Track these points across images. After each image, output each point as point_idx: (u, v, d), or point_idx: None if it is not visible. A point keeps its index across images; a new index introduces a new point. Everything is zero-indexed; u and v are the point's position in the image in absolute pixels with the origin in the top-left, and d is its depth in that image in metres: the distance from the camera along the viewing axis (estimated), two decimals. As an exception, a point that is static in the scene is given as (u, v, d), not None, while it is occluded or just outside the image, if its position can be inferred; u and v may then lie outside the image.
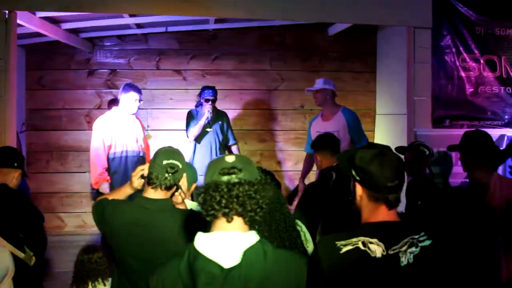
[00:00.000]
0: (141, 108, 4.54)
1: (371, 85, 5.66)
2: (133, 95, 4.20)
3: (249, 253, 1.35)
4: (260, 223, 2.08)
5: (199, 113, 4.69)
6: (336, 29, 5.43)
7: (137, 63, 5.54)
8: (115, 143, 4.19)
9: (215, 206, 1.38)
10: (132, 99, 4.21)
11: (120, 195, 2.25)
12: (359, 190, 1.61)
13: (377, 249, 1.50)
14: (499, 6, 4.53)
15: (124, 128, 4.25)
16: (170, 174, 2.06)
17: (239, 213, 1.39)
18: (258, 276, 1.34)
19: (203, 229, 1.44)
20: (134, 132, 4.31)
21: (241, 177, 1.39)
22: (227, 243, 1.37)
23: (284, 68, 5.66)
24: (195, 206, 2.57)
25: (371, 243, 1.51)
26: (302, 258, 1.57)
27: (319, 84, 4.37)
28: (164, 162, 2.07)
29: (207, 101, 4.59)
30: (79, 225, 5.48)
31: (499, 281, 2.51)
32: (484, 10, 4.51)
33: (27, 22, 4.02)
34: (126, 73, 5.52)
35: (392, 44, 5.01)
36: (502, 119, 4.53)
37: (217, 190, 1.38)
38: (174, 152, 2.14)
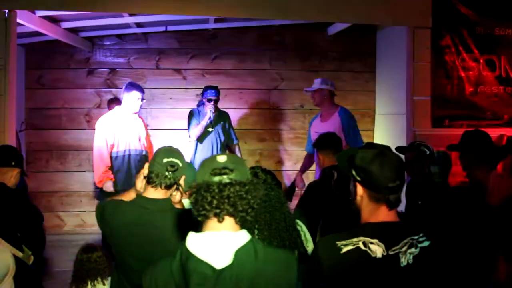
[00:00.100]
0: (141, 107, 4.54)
1: (370, 85, 5.67)
2: (135, 94, 4.22)
3: (240, 253, 1.36)
4: (252, 222, 2.09)
5: (201, 113, 4.68)
6: (335, 28, 5.43)
7: (136, 62, 5.54)
8: (118, 142, 4.20)
9: (206, 207, 1.38)
10: (134, 98, 4.22)
11: (127, 199, 2.24)
12: (359, 190, 1.60)
13: (378, 249, 1.51)
14: (498, 6, 4.54)
15: (127, 127, 4.26)
16: (170, 173, 2.06)
17: (230, 213, 1.39)
18: (249, 275, 1.35)
19: (197, 227, 1.44)
20: (136, 131, 4.32)
21: (232, 177, 1.39)
22: (218, 243, 1.38)
23: (283, 68, 5.66)
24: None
25: (371, 243, 1.51)
26: (292, 255, 1.58)
27: (316, 84, 4.37)
28: (164, 161, 2.07)
29: (209, 101, 4.58)
30: (79, 224, 5.48)
31: (498, 280, 2.51)
32: (483, 10, 4.51)
33: (27, 21, 4.02)
34: (125, 72, 5.52)
35: (392, 44, 5.02)
36: (501, 119, 4.54)
37: (208, 190, 1.38)
38: (174, 151, 2.14)
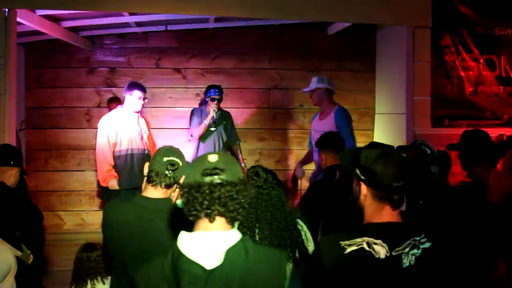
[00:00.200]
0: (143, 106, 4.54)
1: (370, 84, 5.66)
2: (137, 93, 4.23)
3: (231, 252, 1.37)
4: (253, 221, 2.10)
5: (203, 112, 4.68)
6: (335, 28, 5.42)
7: (137, 61, 5.53)
8: (120, 141, 4.20)
9: (197, 207, 1.39)
10: (136, 97, 4.23)
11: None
12: (363, 189, 1.60)
13: (381, 250, 1.50)
14: (498, 5, 4.54)
15: (129, 126, 4.26)
16: (170, 172, 2.06)
17: (221, 214, 1.40)
18: (240, 275, 1.36)
19: (189, 226, 1.45)
20: (139, 130, 4.32)
21: (223, 178, 1.39)
22: (209, 243, 1.38)
23: (283, 67, 5.65)
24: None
25: (375, 244, 1.51)
26: (282, 252, 1.58)
27: (313, 84, 4.34)
28: (165, 159, 2.07)
29: (213, 100, 4.57)
30: (78, 223, 5.47)
31: (497, 280, 2.51)
32: (483, 9, 4.52)
33: (27, 20, 4.02)
34: (126, 71, 5.51)
35: (392, 44, 5.02)
36: (501, 118, 4.54)
37: (199, 191, 1.39)
38: (174, 150, 2.14)
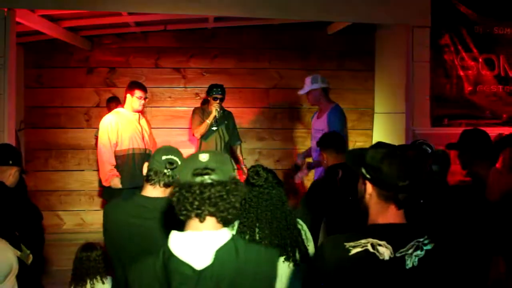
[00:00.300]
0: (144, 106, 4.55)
1: (369, 83, 5.66)
2: (138, 93, 4.24)
3: (221, 252, 1.37)
4: (253, 221, 2.10)
5: (205, 111, 4.68)
6: (335, 28, 5.42)
7: (136, 61, 5.53)
8: (121, 141, 4.20)
9: (187, 207, 1.39)
10: (137, 96, 4.24)
11: None
12: (369, 188, 1.59)
13: (386, 251, 1.49)
14: (498, 5, 4.54)
15: (130, 125, 4.27)
16: (169, 170, 2.07)
17: (211, 214, 1.40)
18: (230, 275, 1.36)
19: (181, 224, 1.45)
20: (140, 130, 4.32)
21: (214, 177, 1.39)
22: (199, 243, 1.38)
23: (283, 67, 5.65)
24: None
25: (380, 245, 1.50)
26: (272, 250, 1.59)
27: (307, 85, 4.32)
28: (163, 158, 2.08)
29: (215, 99, 4.57)
30: (78, 223, 5.47)
31: (498, 278, 2.52)
32: (483, 9, 4.52)
33: (26, 20, 4.02)
34: (125, 71, 5.50)
35: (391, 43, 5.02)
36: (500, 118, 4.54)
37: (189, 191, 1.39)
38: (173, 150, 2.15)
